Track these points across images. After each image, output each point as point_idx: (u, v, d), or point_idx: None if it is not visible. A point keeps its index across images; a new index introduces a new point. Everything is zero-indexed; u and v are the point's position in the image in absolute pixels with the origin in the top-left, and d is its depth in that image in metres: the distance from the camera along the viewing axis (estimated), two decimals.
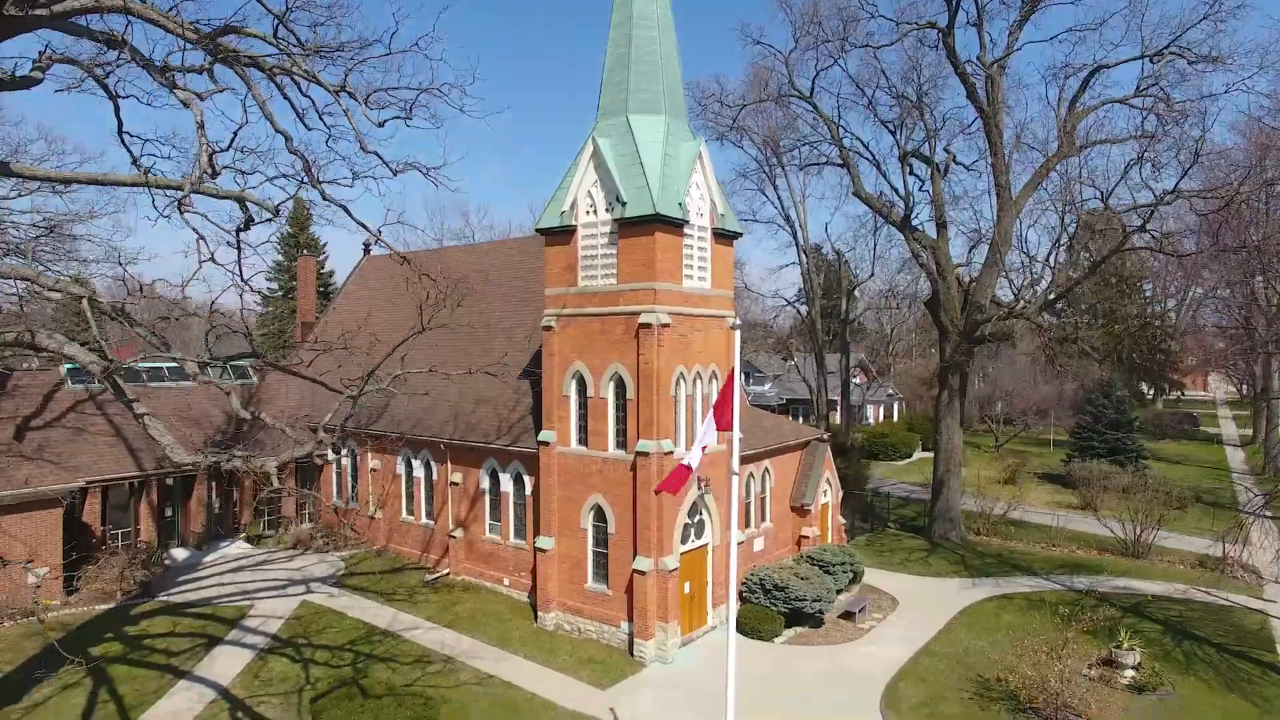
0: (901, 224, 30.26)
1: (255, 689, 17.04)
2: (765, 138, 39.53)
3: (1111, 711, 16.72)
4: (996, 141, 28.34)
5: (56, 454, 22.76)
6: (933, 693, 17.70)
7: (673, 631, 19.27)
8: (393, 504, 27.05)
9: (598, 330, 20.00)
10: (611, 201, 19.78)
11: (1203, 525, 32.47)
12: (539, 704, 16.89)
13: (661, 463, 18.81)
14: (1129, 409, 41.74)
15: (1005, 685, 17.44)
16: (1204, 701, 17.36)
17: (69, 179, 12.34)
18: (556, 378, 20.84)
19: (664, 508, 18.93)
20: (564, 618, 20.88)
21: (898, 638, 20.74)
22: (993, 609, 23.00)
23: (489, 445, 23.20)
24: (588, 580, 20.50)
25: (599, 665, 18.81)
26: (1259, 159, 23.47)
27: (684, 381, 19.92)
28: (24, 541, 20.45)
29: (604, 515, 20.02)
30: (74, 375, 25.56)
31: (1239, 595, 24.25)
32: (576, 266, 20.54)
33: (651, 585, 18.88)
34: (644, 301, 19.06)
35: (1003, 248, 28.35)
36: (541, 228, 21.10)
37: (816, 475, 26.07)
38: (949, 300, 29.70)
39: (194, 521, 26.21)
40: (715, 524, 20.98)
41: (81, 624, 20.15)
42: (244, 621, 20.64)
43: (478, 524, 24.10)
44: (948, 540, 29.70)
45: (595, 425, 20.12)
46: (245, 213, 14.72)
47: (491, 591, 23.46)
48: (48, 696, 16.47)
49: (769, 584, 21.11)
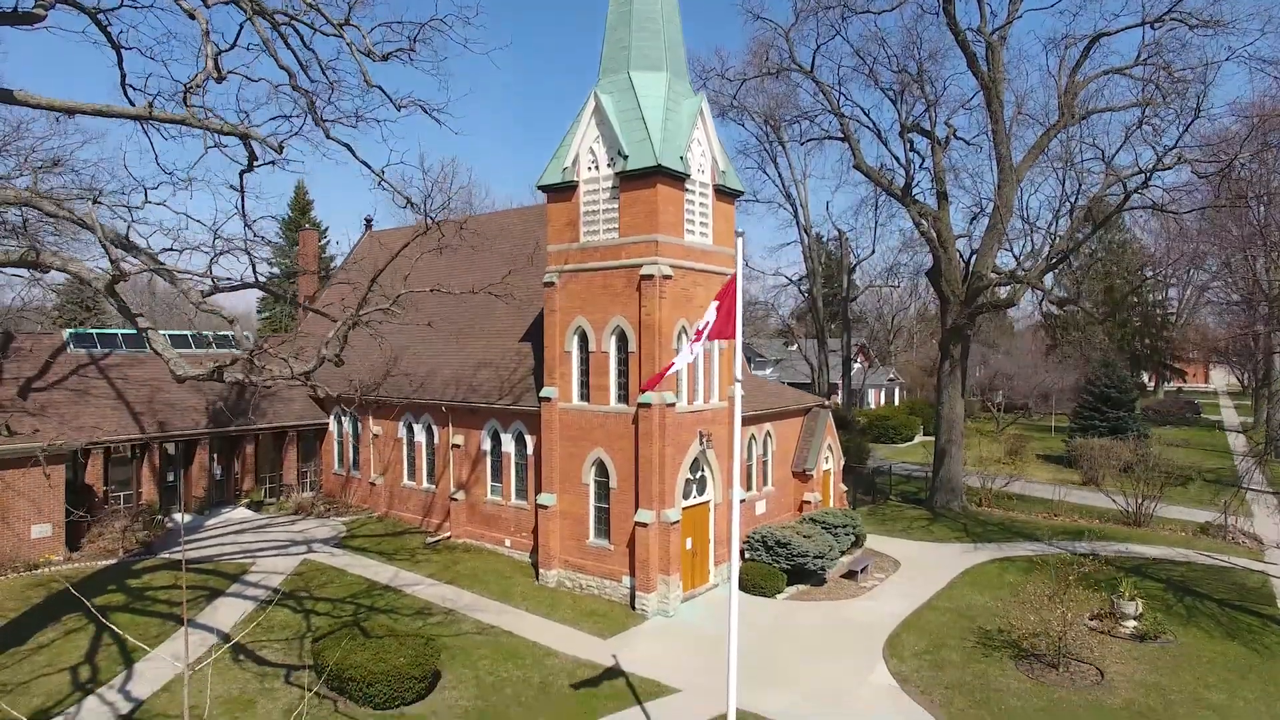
0: (903, 193, 30.28)
1: (256, 635, 17.05)
2: (766, 116, 39.59)
3: (1113, 657, 16.74)
4: (997, 111, 28.37)
5: (59, 414, 22.79)
6: (935, 642, 17.71)
7: (675, 585, 19.27)
8: (394, 470, 27.08)
9: (599, 285, 20.03)
10: (613, 156, 19.82)
11: (1204, 499, 32.48)
12: (540, 651, 16.91)
13: (664, 415, 18.83)
14: (1130, 388, 41.71)
15: (1007, 635, 17.46)
16: (1205, 648, 17.36)
17: (73, 109, 12.34)
18: (558, 334, 20.86)
19: (666, 460, 18.94)
20: (565, 575, 20.89)
21: (900, 594, 20.74)
22: (995, 569, 23.00)
23: (491, 406, 23.22)
24: (589, 536, 20.51)
25: (601, 618, 18.81)
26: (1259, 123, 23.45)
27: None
28: (27, 496, 20.47)
29: (606, 470, 20.04)
30: (76, 339, 25.59)
31: (1240, 558, 24.25)
32: (578, 222, 20.57)
33: (653, 537, 18.89)
34: (646, 254, 19.09)
35: (1004, 217, 28.36)
36: (543, 184, 21.13)
37: (818, 441, 26.08)
38: (950, 270, 29.71)
39: (195, 487, 26.23)
40: (717, 481, 20.99)
41: (84, 577, 20.17)
42: (245, 576, 20.66)
43: (479, 486, 24.12)
44: (949, 510, 29.69)
45: (597, 380, 20.14)
46: (249, 150, 14.77)
47: (493, 553, 23.47)
48: (52, 640, 16.50)
49: (771, 541, 21.11)
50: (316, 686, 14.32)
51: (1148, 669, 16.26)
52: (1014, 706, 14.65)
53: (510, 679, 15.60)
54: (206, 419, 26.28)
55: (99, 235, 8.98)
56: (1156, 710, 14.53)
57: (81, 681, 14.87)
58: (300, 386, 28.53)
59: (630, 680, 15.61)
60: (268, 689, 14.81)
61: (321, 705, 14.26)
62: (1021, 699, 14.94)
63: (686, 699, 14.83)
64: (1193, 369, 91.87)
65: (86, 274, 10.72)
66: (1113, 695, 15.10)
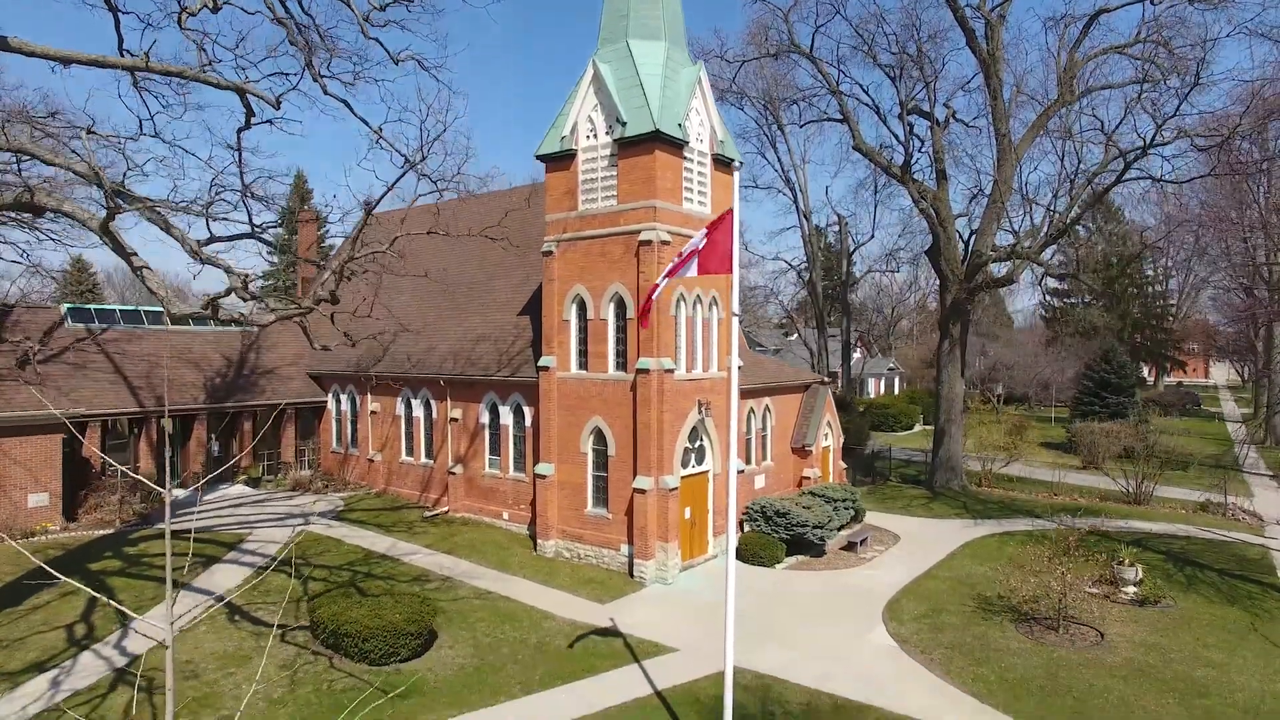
0: (902, 172, 30.22)
1: (253, 597, 17.03)
2: (765, 100, 39.55)
3: (1113, 619, 16.68)
4: (996, 89, 28.32)
5: (57, 386, 22.73)
6: (934, 607, 17.64)
7: (673, 552, 19.20)
8: (392, 446, 27.02)
9: (598, 252, 19.98)
10: (611, 123, 19.79)
11: (1203, 481, 32.42)
12: (537, 614, 16.85)
13: (662, 380, 18.78)
14: (1130, 374, 41.62)
15: (1007, 600, 17.40)
16: (1205, 613, 17.29)
17: (68, 58, 12.28)
18: (556, 303, 20.81)
19: (664, 427, 18.89)
20: (563, 545, 20.82)
21: (899, 564, 20.68)
22: (995, 542, 22.94)
23: (489, 378, 23.17)
24: (587, 506, 20.44)
25: (598, 585, 18.75)
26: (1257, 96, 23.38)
27: (684, 303, 19.89)
28: (24, 465, 20.42)
29: (604, 438, 19.98)
30: (73, 314, 25.54)
31: (1240, 533, 24.17)
32: (577, 191, 20.53)
33: (652, 504, 18.82)
34: (644, 220, 19.04)
35: (1003, 194, 28.31)
36: (541, 154, 21.09)
37: (817, 417, 26.01)
38: (949, 249, 29.66)
39: (193, 463, 26.17)
40: (716, 451, 20.92)
41: (80, 545, 20.11)
42: (242, 545, 20.61)
43: (477, 459, 24.06)
44: (949, 489, 29.62)
45: (595, 348, 20.09)
46: (246, 107, 14.72)
47: (490, 526, 23.41)
48: (47, 602, 16.44)
49: (770, 511, 21.04)
50: (313, 645, 14.28)
51: (1147, 631, 16.20)
52: (1014, 664, 14.59)
53: (507, 639, 15.54)
54: (204, 395, 26.22)
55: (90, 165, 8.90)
56: (1156, 667, 14.47)
57: (77, 638, 14.82)
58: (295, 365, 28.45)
59: (628, 641, 15.55)
60: (263, 647, 14.72)
61: (317, 661, 14.21)
62: (1021, 658, 14.88)
63: (684, 658, 14.77)
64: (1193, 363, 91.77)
65: (82, 214, 10.66)
66: (1113, 654, 15.04)
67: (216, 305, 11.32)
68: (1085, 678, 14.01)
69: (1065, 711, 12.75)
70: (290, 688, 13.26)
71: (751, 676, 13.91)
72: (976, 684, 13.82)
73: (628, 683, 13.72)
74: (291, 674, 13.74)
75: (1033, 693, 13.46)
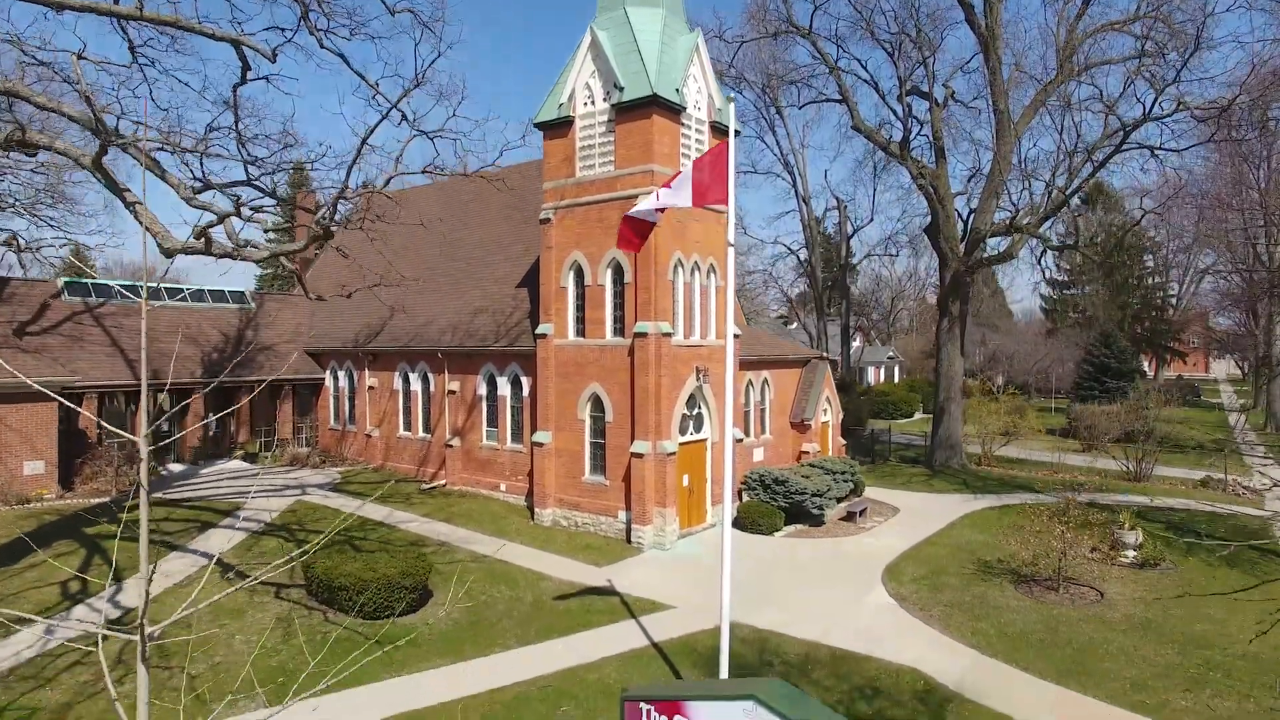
0: (901, 149, 30.14)
1: (247, 558, 16.95)
2: (764, 85, 39.49)
3: (1113, 580, 16.59)
4: (995, 66, 28.25)
5: (53, 357, 22.66)
6: (934, 570, 17.57)
7: (671, 518, 19.11)
8: (390, 421, 26.95)
9: (595, 218, 19.91)
10: (609, 89, 19.73)
11: (1203, 462, 32.30)
12: (533, 576, 16.78)
13: (660, 345, 18.71)
14: (1130, 358, 41.52)
15: (1007, 564, 17.33)
16: (1205, 574, 17.22)
17: (61, 3, 12.22)
18: (554, 270, 20.74)
19: (662, 392, 18.80)
20: (561, 513, 20.74)
21: (899, 534, 20.60)
22: (994, 514, 22.84)
23: (487, 349, 23.09)
24: (585, 473, 20.36)
25: (596, 551, 18.67)
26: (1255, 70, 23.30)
27: (682, 269, 19.82)
28: (19, 432, 20.35)
29: (602, 405, 19.90)
30: (70, 288, 25.48)
31: (1241, 507, 24.06)
32: (574, 158, 20.47)
33: (649, 469, 18.74)
34: (641, 184, 18.97)
35: (1003, 170, 28.23)
36: (539, 121, 21.02)
37: (817, 392, 25.92)
38: (948, 227, 29.58)
39: (190, 437, 26.09)
40: (714, 420, 20.83)
41: (76, 511, 20.03)
42: (237, 513, 20.53)
43: (475, 432, 23.98)
44: (949, 467, 29.53)
45: (593, 314, 20.02)
46: (242, 60, 14.66)
47: (488, 498, 23.32)
48: (42, 561, 16.34)
49: (769, 479, 20.96)
50: (308, 601, 14.19)
51: (1147, 590, 16.12)
52: (1013, 620, 14.51)
53: (502, 597, 15.47)
54: (202, 370, 26.14)
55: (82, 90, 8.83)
56: (1156, 622, 14.39)
57: (71, 593, 14.76)
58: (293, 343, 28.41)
59: (625, 599, 15.47)
60: (257, 603, 14.67)
61: (310, 616, 14.14)
62: (1021, 614, 14.80)
63: (681, 614, 14.69)
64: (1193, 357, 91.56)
65: (74, 152, 10.59)
66: (1113, 611, 14.96)
67: (209, 237, 11.24)
68: (1085, 631, 13.93)
69: (1065, 661, 12.67)
70: (284, 638, 13.19)
71: (749, 631, 13.84)
72: (976, 637, 13.74)
73: (624, 635, 13.65)
74: (285, 626, 13.68)
75: (1032, 645, 13.37)
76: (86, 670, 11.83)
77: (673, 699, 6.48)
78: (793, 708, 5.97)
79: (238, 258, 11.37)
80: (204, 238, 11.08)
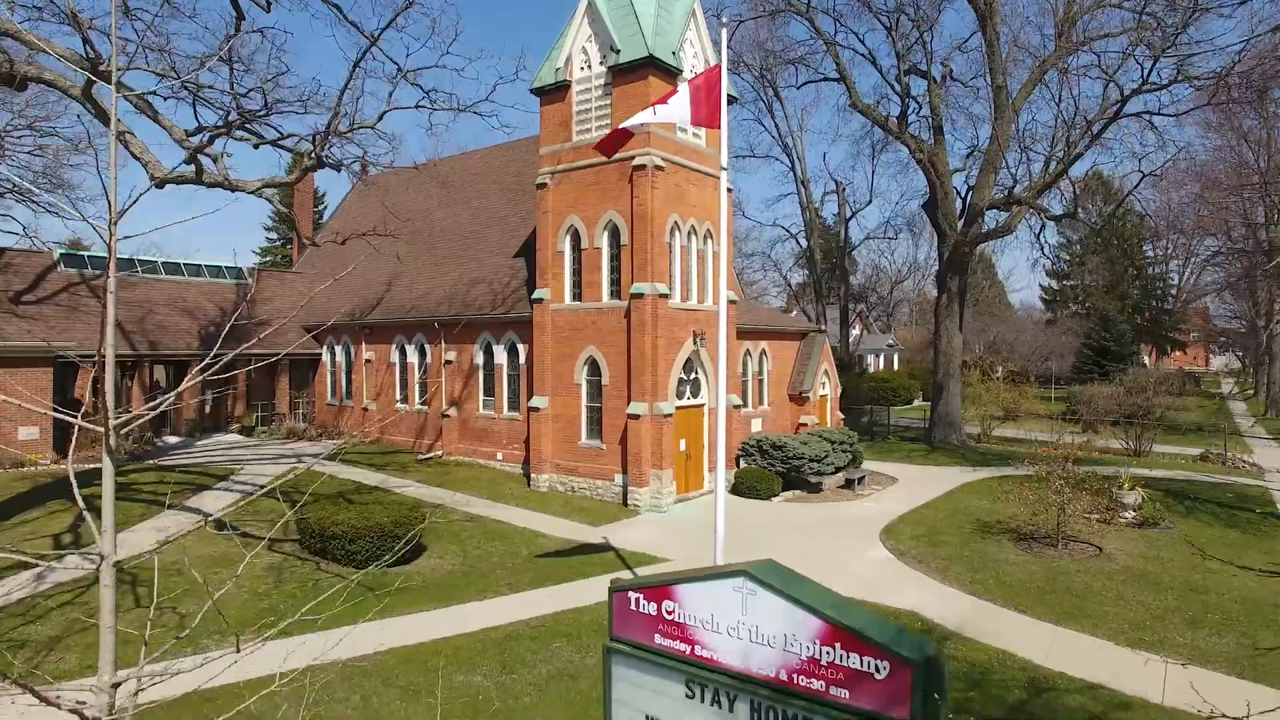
0: (899, 124, 30.07)
1: (241, 517, 16.85)
2: (761, 68, 39.43)
3: (1113, 537, 16.49)
4: (993, 40, 28.18)
5: (49, 326, 22.59)
6: (932, 529, 17.47)
7: (667, 480, 19.02)
8: (387, 394, 26.87)
9: (591, 181, 19.84)
10: (606, 52, 19.67)
11: (1203, 441, 32.20)
12: (529, 533, 16.70)
13: (656, 305, 18.62)
14: (1129, 342, 41.42)
15: (1005, 525, 17.24)
16: (1204, 533, 17.13)
17: None
18: (550, 235, 20.66)
19: (659, 353, 18.72)
20: (557, 479, 20.65)
21: (897, 499, 20.50)
22: (994, 483, 22.72)
23: (483, 317, 23.01)
24: (581, 438, 20.27)
25: (592, 513, 18.56)
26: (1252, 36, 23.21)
27: (679, 232, 19.74)
28: (14, 396, 20.27)
29: (598, 369, 19.82)
30: (67, 259, 25.42)
31: (1241, 478, 23.98)
32: (571, 122, 20.40)
33: (646, 430, 18.65)
34: (638, 146, 18.87)
35: (1001, 145, 28.16)
36: (536, 87, 20.95)
37: (815, 365, 25.84)
38: (946, 203, 29.50)
39: (186, 410, 26.02)
40: (711, 385, 20.74)
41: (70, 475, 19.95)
42: (232, 478, 20.46)
43: (471, 401, 23.89)
44: (948, 443, 29.42)
45: (589, 277, 19.94)
46: (236, 10, 14.59)
47: (484, 466, 23.24)
48: (35, 518, 16.30)
49: (766, 444, 20.87)
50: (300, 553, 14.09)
51: (1146, 546, 16.03)
52: (1012, 571, 14.41)
53: (496, 551, 15.39)
54: (199, 342, 26.07)
55: (67, 9, 8.75)
56: (1155, 573, 14.29)
57: (63, 545, 14.67)
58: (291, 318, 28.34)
59: (620, 553, 15.39)
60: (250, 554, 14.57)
61: (303, 565, 14.05)
62: (1020, 567, 14.70)
63: (675, 565, 14.61)
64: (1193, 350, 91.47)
65: (63, 83, 10.51)
66: (1112, 563, 14.87)
67: (199, 165, 11.15)
68: (1084, 580, 13.83)
69: (1065, 606, 12.57)
70: (275, 584, 13.11)
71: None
72: (974, 585, 13.65)
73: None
74: (277, 574, 13.60)
75: (1031, 593, 13.27)
76: (76, 610, 11.75)
77: (662, 584, 6.38)
78: (786, 583, 5.88)
79: (228, 187, 11.29)
80: (195, 163, 10.99)
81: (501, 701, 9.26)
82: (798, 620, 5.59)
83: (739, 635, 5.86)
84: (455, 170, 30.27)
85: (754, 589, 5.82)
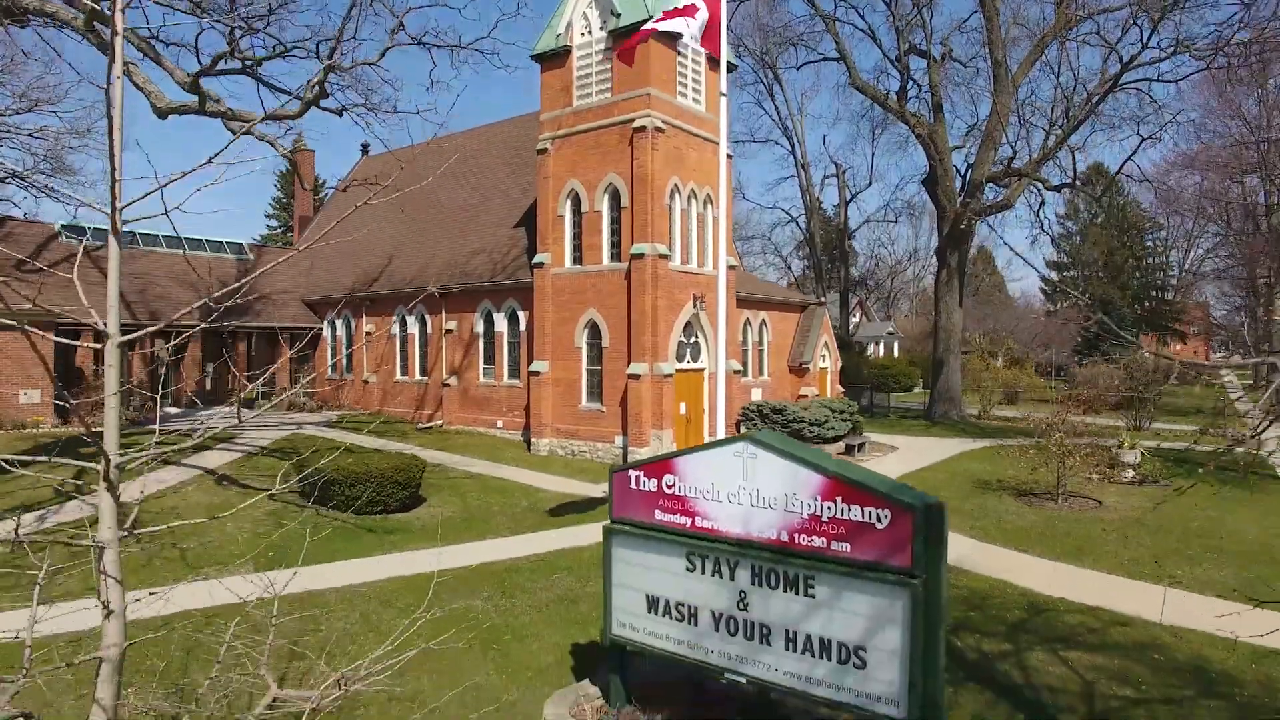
0: (899, 100, 30.12)
1: (242, 472, 16.90)
2: (762, 50, 39.52)
3: (1112, 493, 16.51)
4: (992, 14, 28.22)
5: (51, 295, 22.60)
6: (932, 488, 17.41)
7: (668, 441, 19.04)
8: (386, 366, 26.90)
9: (591, 144, 19.88)
10: (606, 17, 19.73)
11: (1203, 420, 32.20)
12: (529, 489, 16.72)
13: (656, 266, 18.66)
14: (1129, 325, 41.40)
15: (1006, 484, 17.28)
16: (1205, 490, 17.09)
17: None
18: (551, 200, 20.70)
19: (659, 314, 18.75)
20: (557, 443, 20.67)
21: (898, 464, 20.55)
22: (994, 451, 22.76)
23: (483, 286, 23.05)
24: (581, 401, 20.29)
25: (591, 474, 18.55)
26: None
27: (679, 195, 19.78)
28: (16, 360, 20.31)
29: (599, 331, 19.84)
30: (68, 230, 25.46)
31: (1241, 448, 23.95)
32: (571, 87, 20.45)
33: (646, 390, 18.68)
34: (638, 108, 18.95)
35: (1001, 121, 28.20)
36: (537, 53, 21.00)
37: (815, 337, 25.87)
38: (946, 179, 29.53)
39: (187, 383, 26.03)
40: (711, 349, 20.77)
41: (72, 437, 19.96)
42: (234, 441, 20.50)
43: (471, 370, 23.92)
44: (948, 418, 29.43)
45: (589, 240, 19.98)
46: None
47: (485, 434, 23.25)
48: (37, 473, 16.28)
49: (766, 409, 20.89)
50: (300, 502, 14.10)
51: (1145, 500, 16.02)
52: (1012, 520, 14.46)
53: (496, 503, 15.42)
54: (199, 315, 26.06)
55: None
56: (1154, 521, 14.29)
57: (65, 493, 14.67)
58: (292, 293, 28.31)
59: None
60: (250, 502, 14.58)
61: (303, 511, 14.05)
62: (1020, 516, 14.75)
63: None
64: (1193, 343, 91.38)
65: (65, 14, 10.55)
66: (1112, 514, 14.90)
67: (203, 93, 11.18)
68: (1084, 528, 13.86)
69: (1065, 548, 12.59)
70: (275, 526, 13.12)
71: None
72: (975, 530, 13.68)
73: None
74: (277, 519, 13.62)
75: (1032, 538, 13.29)
76: (79, 549, 11.75)
77: (663, 459, 6.42)
78: (787, 444, 5.93)
79: (231, 117, 11.29)
80: (197, 91, 11.03)
81: (501, 619, 9.29)
82: (799, 479, 5.64)
83: (739, 500, 5.90)
84: (457, 148, 30.30)
85: (755, 452, 5.87)
